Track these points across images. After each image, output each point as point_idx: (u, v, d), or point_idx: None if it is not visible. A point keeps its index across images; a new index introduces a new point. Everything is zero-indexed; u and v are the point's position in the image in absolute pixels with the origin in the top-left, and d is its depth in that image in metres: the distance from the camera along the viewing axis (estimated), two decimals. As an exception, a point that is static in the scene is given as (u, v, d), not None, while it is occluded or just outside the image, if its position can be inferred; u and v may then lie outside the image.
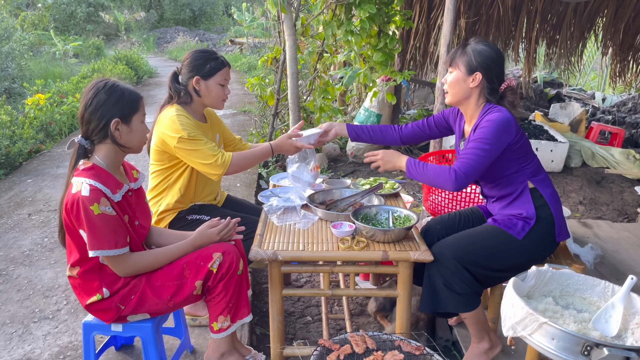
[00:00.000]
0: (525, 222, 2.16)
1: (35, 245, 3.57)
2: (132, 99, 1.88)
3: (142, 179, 2.11)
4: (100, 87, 1.84)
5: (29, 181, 4.96)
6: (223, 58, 2.54)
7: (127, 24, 22.26)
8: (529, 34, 6.05)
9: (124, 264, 1.86)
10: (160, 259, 1.94)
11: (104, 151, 1.88)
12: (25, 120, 6.35)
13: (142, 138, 1.94)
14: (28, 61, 10.72)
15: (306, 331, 2.74)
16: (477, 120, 2.17)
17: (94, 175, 1.80)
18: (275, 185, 2.84)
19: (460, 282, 2.07)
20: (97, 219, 1.75)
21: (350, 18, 4.40)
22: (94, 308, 1.92)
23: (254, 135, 6.11)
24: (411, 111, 7.19)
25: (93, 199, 1.75)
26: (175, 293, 1.92)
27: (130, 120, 1.87)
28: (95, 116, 1.83)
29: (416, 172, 2.12)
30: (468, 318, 2.18)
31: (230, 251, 1.98)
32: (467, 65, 2.15)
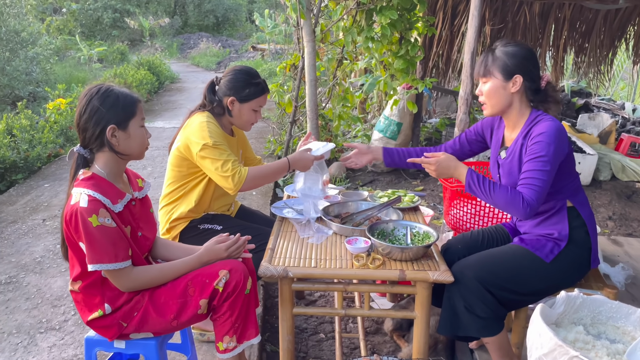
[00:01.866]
0: (555, 244, 2.02)
1: (47, 252, 3.53)
2: (128, 103, 1.78)
3: (147, 188, 2.03)
4: (93, 93, 1.76)
5: (46, 186, 4.96)
6: (264, 84, 2.49)
7: (151, 29, 22.54)
8: (556, 41, 5.87)
9: (125, 278, 1.77)
10: (164, 274, 1.85)
11: (104, 160, 1.80)
12: (45, 125, 6.38)
13: (142, 143, 1.84)
14: (53, 66, 10.88)
15: (319, 349, 2.63)
16: (523, 128, 2.03)
17: (93, 185, 1.72)
18: (290, 196, 2.75)
19: (482, 305, 1.94)
20: (96, 231, 1.66)
21: (371, 24, 4.29)
22: (96, 324, 1.84)
23: (272, 142, 6.04)
24: (433, 120, 7.04)
25: (91, 210, 1.66)
26: (179, 312, 1.83)
27: (127, 125, 1.78)
28: (90, 124, 1.74)
29: (479, 190, 1.97)
30: (490, 343, 2.04)
31: (237, 269, 1.87)
32: (504, 70, 2.00)
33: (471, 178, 1.98)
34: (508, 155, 2.08)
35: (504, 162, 2.11)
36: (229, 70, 2.48)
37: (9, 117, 6.03)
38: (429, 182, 5.27)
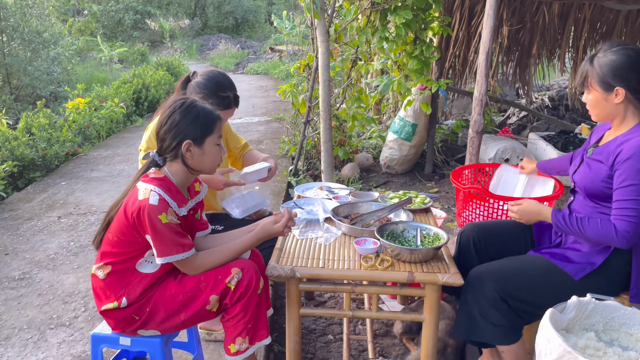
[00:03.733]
0: (588, 264, 1.93)
1: (61, 249, 3.57)
2: (207, 121, 1.83)
3: (204, 192, 2.05)
4: (177, 106, 1.82)
5: (62, 184, 5.03)
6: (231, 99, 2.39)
7: (171, 31, 22.77)
8: (576, 42, 5.76)
9: (191, 265, 1.83)
10: (225, 255, 1.89)
11: (175, 169, 1.86)
12: (64, 124, 6.48)
13: (215, 161, 1.89)
14: (75, 66, 11.05)
15: (327, 351, 2.60)
16: (622, 135, 1.90)
17: (163, 187, 1.78)
18: (300, 196, 2.73)
19: (497, 314, 1.89)
20: (165, 228, 1.73)
21: (385, 24, 4.26)
22: (108, 315, 1.86)
23: (286, 142, 6.04)
24: (449, 121, 6.97)
25: (161, 208, 1.73)
26: (187, 305, 1.83)
27: (203, 142, 1.83)
28: (168, 135, 1.81)
29: (568, 229, 1.92)
30: (506, 352, 1.99)
31: (249, 268, 1.87)
32: (601, 83, 1.87)
33: (557, 219, 1.95)
34: (595, 155, 1.98)
35: (588, 158, 2.01)
36: (205, 72, 2.39)
37: (28, 116, 6.14)
38: (443, 184, 5.22)
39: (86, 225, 4.00)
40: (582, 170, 2.02)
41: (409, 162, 5.50)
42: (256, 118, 8.64)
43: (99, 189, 4.88)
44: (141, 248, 1.80)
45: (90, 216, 4.18)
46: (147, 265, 1.84)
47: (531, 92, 6.56)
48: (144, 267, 1.84)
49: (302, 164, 5.39)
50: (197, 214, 2.01)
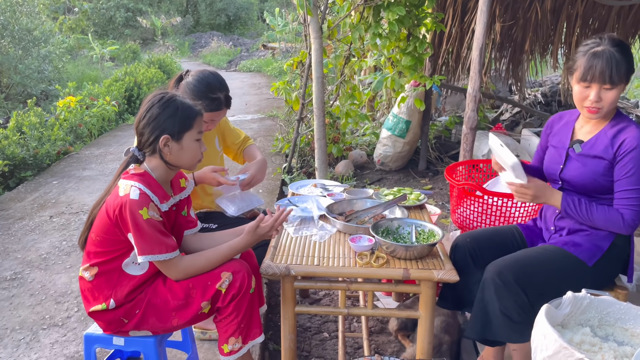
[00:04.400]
0: (597, 248, 1.95)
1: (53, 249, 3.54)
2: (186, 116, 1.79)
3: (190, 187, 2.02)
4: (155, 100, 1.79)
5: (54, 183, 4.99)
6: (221, 100, 2.35)
7: (163, 28, 22.63)
8: (568, 38, 5.76)
9: (175, 268, 1.79)
10: (211, 261, 1.85)
11: (154, 164, 1.83)
12: (55, 122, 6.42)
13: (194, 157, 1.85)
14: (66, 64, 10.96)
15: (322, 349, 2.59)
16: (608, 126, 1.94)
17: (144, 181, 1.75)
18: (294, 193, 2.72)
19: (518, 309, 1.87)
20: (146, 224, 1.69)
21: (378, 21, 4.25)
22: (97, 317, 1.84)
23: (280, 140, 6.02)
24: (442, 118, 6.97)
25: (142, 203, 1.69)
26: (179, 313, 1.82)
27: (181, 137, 1.79)
28: (146, 129, 1.78)
29: (576, 213, 1.93)
30: (517, 350, 1.99)
31: (240, 270, 1.85)
32: (629, 71, 1.85)
33: (567, 204, 1.94)
34: (587, 150, 1.97)
35: (578, 155, 2.00)
36: (196, 72, 2.36)
37: (18, 115, 6.08)
38: (437, 180, 5.22)
39: (78, 224, 3.96)
40: (573, 168, 2.00)
41: (402, 158, 5.50)
42: (249, 116, 8.61)
43: (91, 187, 4.85)
44: (126, 247, 1.78)
45: (82, 215, 4.15)
46: (134, 267, 1.81)
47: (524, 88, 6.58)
48: (131, 269, 1.81)
49: (296, 161, 5.37)
50: (184, 210, 1.98)
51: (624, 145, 1.86)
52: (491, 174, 3.11)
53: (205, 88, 2.31)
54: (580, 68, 1.87)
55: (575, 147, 2.01)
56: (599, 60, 1.82)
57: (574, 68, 1.91)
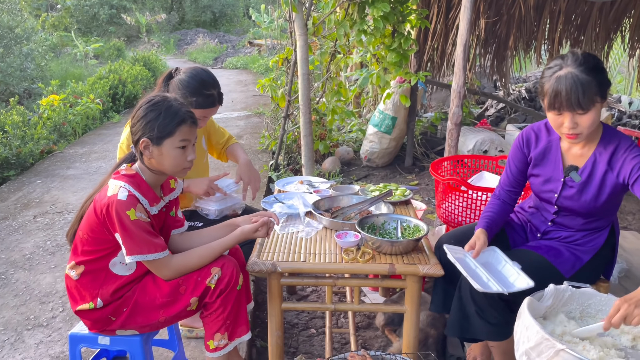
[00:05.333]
0: (577, 260, 1.96)
1: (37, 249, 3.50)
2: (168, 122, 1.74)
3: (179, 189, 2.01)
4: (145, 102, 1.78)
5: (38, 182, 4.93)
6: (215, 97, 2.34)
7: (148, 25, 22.41)
8: (551, 34, 5.81)
9: (165, 267, 1.77)
10: (203, 259, 1.84)
11: (144, 166, 1.82)
12: (38, 121, 6.34)
13: (176, 164, 1.79)
14: (49, 62, 10.81)
15: (309, 345, 2.60)
16: (599, 146, 1.86)
17: (134, 183, 1.74)
18: (281, 190, 2.72)
19: (494, 312, 1.88)
20: (133, 224, 1.68)
21: (363, 17, 4.25)
22: (84, 315, 1.83)
23: (266, 137, 6.01)
24: (428, 114, 7.01)
25: (130, 204, 1.68)
26: (167, 308, 1.81)
27: (161, 143, 1.75)
28: (134, 129, 1.77)
29: None
30: (496, 347, 2.01)
31: (229, 265, 1.85)
32: (603, 89, 1.74)
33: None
34: (584, 177, 1.90)
35: (577, 183, 1.91)
36: (188, 69, 2.34)
37: (1, 114, 5.99)
38: (423, 176, 5.25)
39: (63, 224, 3.92)
40: (572, 195, 1.94)
41: (389, 155, 5.52)
42: (236, 113, 8.57)
43: (75, 187, 4.80)
44: (112, 246, 1.76)
45: (67, 215, 4.11)
46: (121, 267, 1.80)
47: (508, 84, 6.62)
48: (118, 269, 1.80)
49: (283, 158, 5.37)
50: (172, 211, 1.97)
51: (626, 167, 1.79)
52: (476, 169, 3.14)
53: (199, 85, 2.30)
54: (547, 96, 1.77)
55: (573, 175, 1.91)
56: (563, 87, 1.71)
57: (542, 93, 1.81)
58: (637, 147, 1.81)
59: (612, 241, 2.03)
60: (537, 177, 2.05)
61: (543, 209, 2.09)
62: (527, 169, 2.09)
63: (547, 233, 2.08)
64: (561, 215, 2.03)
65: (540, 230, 2.10)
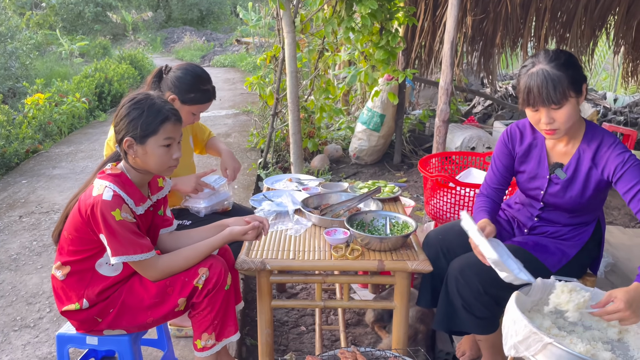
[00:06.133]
0: (563, 255, 1.98)
1: (23, 249, 3.46)
2: (151, 120, 1.72)
3: (167, 187, 1.99)
4: (127, 100, 1.76)
5: (23, 182, 4.87)
6: (212, 92, 2.36)
7: (134, 24, 22.23)
8: (538, 32, 5.86)
9: (152, 268, 1.76)
10: (190, 260, 1.82)
11: (129, 165, 1.79)
12: (23, 120, 6.27)
13: (161, 163, 1.77)
14: (34, 61, 10.68)
15: (299, 342, 2.60)
16: (583, 143, 1.88)
17: (119, 183, 1.71)
18: (270, 188, 2.71)
19: (480, 307, 1.90)
20: (119, 225, 1.65)
21: (351, 14, 4.25)
22: (70, 316, 1.81)
23: (255, 135, 5.99)
24: (416, 111, 7.04)
25: (115, 204, 1.65)
26: (154, 309, 1.79)
27: (144, 141, 1.73)
28: (117, 129, 1.75)
29: None
30: (483, 340, 2.02)
31: (216, 265, 1.84)
32: (576, 83, 1.75)
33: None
34: (569, 174, 1.92)
35: (562, 180, 1.94)
36: (181, 66, 2.34)
37: (-16, 113, 5.92)
38: (412, 173, 5.27)
39: (49, 224, 3.88)
40: (557, 192, 1.96)
41: (378, 152, 5.54)
42: (224, 111, 8.54)
43: (61, 186, 4.75)
44: (98, 246, 1.74)
45: (53, 215, 4.07)
46: (107, 268, 1.78)
47: (495, 81, 6.67)
48: (104, 269, 1.78)
49: (271, 156, 5.36)
50: (160, 210, 1.95)
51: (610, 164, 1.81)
52: (464, 166, 3.16)
53: (196, 80, 2.30)
54: (521, 93, 1.81)
55: (559, 173, 1.94)
56: (534, 83, 1.75)
57: (518, 92, 1.84)
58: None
59: (598, 236, 2.06)
60: (522, 174, 2.07)
61: (529, 205, 2.11)
62: (512, 165, 2.10)
63: (533, 228, 2.10)
64: (547, 210, 2.05)
65: (527, 225, 2.12)
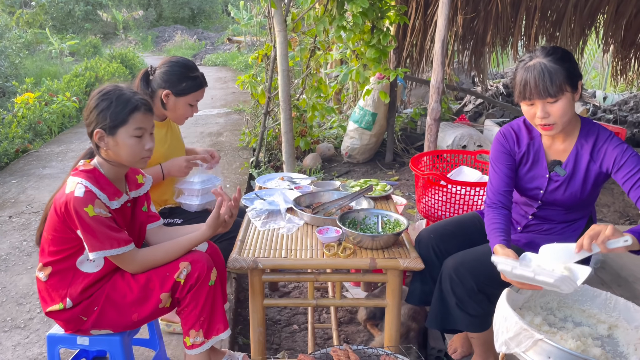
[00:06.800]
0: None
1: (13, 249, 3.43)
2: (120, 110, 1.71)
3: (148, 184, 1.97)
4: (96, 92, 1.75)
5: (13, 182, 4.83)
6: (202, 78, 2.40)
7: (125, 22, 22.10)
8: (528, 30, 5.90)
9: (131, 261, 1.76)
10: (169, 254, 1.82)
11: (103, 160, 1.77)
12: (13, 119, 6.22)
13: (133, 153, 1.75)
14: (23, 60, 10.59)
15: (292, 341, 2.61)
16: (580, 139, 1.89)
17: (91, 178, 1.70)
18: (262, 187, 2.71)
19: (474, 305, 1.91)
20: (93, 221, 1.65)
21: (342, 13, 4.25)
22: (55, 316, 1.80)
23: (247, 134, 5.98)
24: (408, 110, 7.05)
25: (87, 200, 1.65)
26: (139, 307, 1.79)
27: (115, 132, 1.72)
28: (87, 122, 1.74)
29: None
30: (476, 338, 2.03)
31: (199, 260, 1.83)
32: (572, 77, 1.76)
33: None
34: (568, 171, 1.92)
35: (562, 177, 1.93)
36: (165, 61, 2.36)
37: (-27, 112, 5.86)
38: (403, 171, 5.29)
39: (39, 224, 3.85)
40: (557, 190, 1.96)
41: (370, 151, 5.54)
42: (215, 110, 8.52)
43: (52, 186, 4.71)
44: (78, 244, 1.73)
45: (44, 214, 4.03)
46: (88, 264, 1.78)
47: (486, 79, 6.70)
48: (85, 266, 1.77)
49: (263, 155, 5.35)
50: (144, 206, 1.94)
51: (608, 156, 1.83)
52: (455, 164, 3.17)
53: (184, 70, 2.33)
54: (517, 86, 1.82)
55: (558, 170, 1.94)
56: (531, 75, 1.76)
57: (514, 86, 1.85)
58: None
59: None
60: (521, 175, 2.06)
61: (524, 204, 2.12)
62: (514, 164, 2.05)
63: (527, 227, 2.11)
64: (543, 208, 2.05)
65: (520, 224, 2.13)
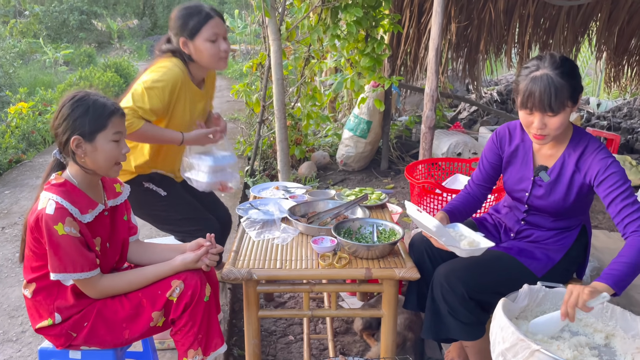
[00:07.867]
0: (549, 260, 1.98)
1: (6, 261, 3.40)
2: (98, 115, 1.68)
3: (126, 193, 1.94)
4: (68, 99, 1.70)
5: (6, 192, 4.79)
6: (208, 9, 2.26)
7: (120, 31, 22.09)
8: (521, 38, 5.94)
9: (92, 287, 1.71)
10: (134, 285, 1.78)
11: (75, 169, 1.73)
12: (6, 130, 6.19)
13: (109, 158, 1.72)
14: (17, 69, 10.56)
15: (287, 352, 2.58)
16: (569, 146, 1.90)
17: (62, 192, 1.65)
18: (256, 196, 2.70)
19: (466, 312, 1.89)
20: (61, 239, 1.60)
21: (336, 22, 4.27)
22: (44, 332, 1.76)
23: (241, 143, 5.97)
24: (402, 118, 7.07)
25: (57, 217, 1.59)
26: (130, 324, 1.75)
27: (93, 138, 1.68)
28: (60, 130, 1.68)
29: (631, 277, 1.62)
30: (470, 347, 2.02)
31: (192, 277, 1.79)
32: (575, 94, 1.77)
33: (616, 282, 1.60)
34: (552, 177, 1.94)
35: (546, 183, 1.96)
36: (172, 12, 2.29)
37: (-34, 123, 5.83)
38: (399, 179, 5.28)
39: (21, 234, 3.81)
40: (541, 195, 1.97)
41: (365, 159, 5.54)
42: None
43: (46, 196, 4.67)
44: None
45: (37, 225, 4.00)
46: None
47: (480, 87, 6.74)
48: (68, 280, 1.72)
49: (259, 164, 5.34)
50: (125, 216, 1.91)
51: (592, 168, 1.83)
52: (450, 172, 3.17)
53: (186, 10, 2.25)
54: (521, 94, 1.80)
55: (542, 175, 1.95)
56: (537, 88, 1.74)
57: (517, 91, 1.84)
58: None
59: (584, 241, 2.06)
60: (509, 175, 2.10)
61: (515, 208, 2.13)
62: (500, 164, 2.13)
63: (520, 232, 2.11)
64: (531, 214, 2.06)
65: (513, 230, 2.13)
